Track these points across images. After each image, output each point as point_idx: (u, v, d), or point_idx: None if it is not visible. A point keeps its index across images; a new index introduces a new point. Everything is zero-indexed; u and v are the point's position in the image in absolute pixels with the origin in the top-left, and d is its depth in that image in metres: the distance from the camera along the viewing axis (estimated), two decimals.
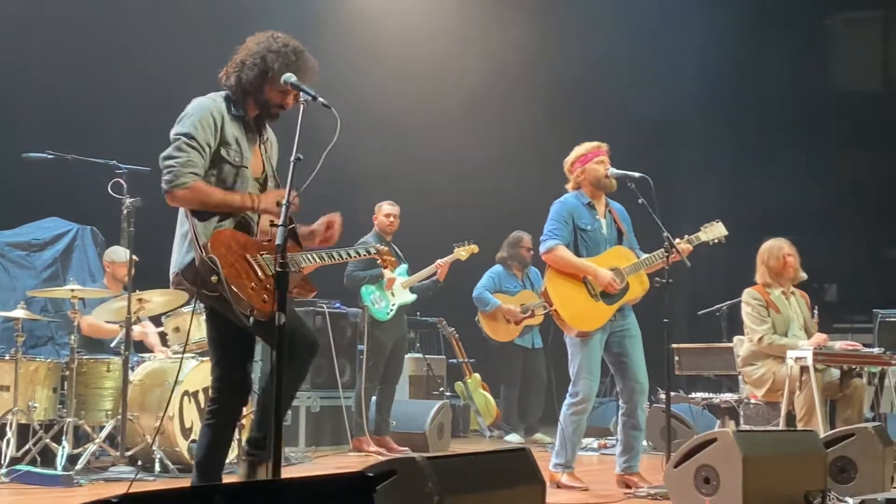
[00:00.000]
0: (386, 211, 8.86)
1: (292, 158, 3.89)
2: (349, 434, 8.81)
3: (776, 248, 7.57)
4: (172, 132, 4.32)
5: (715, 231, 6.66)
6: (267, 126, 4.59)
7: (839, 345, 7.33)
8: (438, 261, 8.92)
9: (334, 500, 2.34)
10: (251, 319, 4.13)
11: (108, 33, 10.26)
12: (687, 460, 5.32)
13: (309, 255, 4.39)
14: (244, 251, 4.22)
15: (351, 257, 4.63)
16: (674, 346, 8.02)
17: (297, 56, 4.37)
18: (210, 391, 4.44)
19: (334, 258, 4.55)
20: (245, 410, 5.42)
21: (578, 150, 6.58)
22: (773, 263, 7.54)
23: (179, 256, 4.35)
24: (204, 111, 4.32)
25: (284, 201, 3.80)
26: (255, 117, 4.49)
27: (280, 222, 3.75)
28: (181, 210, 4.37)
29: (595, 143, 6.56)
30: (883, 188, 13.07)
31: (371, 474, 2.40)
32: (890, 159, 13.20)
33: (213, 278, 4.13)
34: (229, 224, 4.30)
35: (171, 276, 4.40)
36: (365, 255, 4.74)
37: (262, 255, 4.21)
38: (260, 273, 4.18)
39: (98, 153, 7.27)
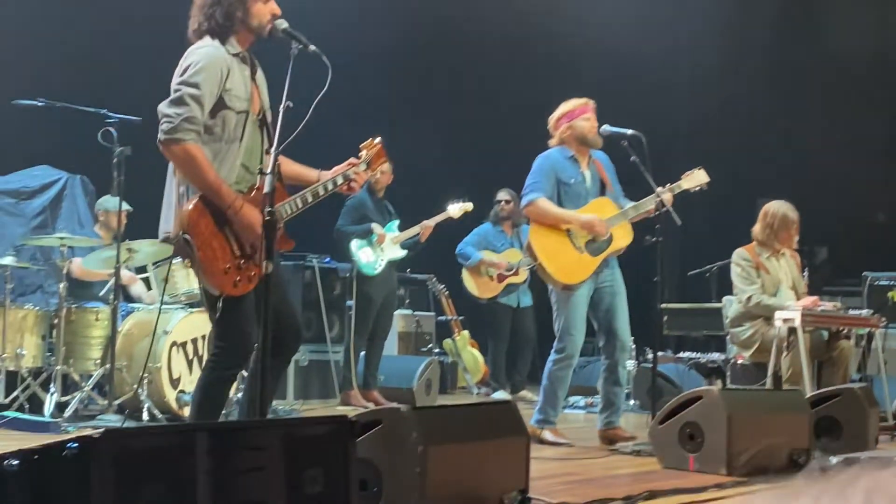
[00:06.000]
0: None
1: (282, 107, 3.84)
2: (337, 388, 8.82)
3: (789, 220, 7.48)
4: (175, 81, 4.10)
5: (696, 178, 6.51)
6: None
7: (804, 302, 7.31)
8: (424, 221, 8.90)
9: (316, 441, 2.34)
10: (220, 302, 4.07)
11: None
12: (672, 417, 5.35)
13: (290, 204, 4.22)
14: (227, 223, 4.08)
15: (328, 190, 4.38)
16: (662, 305, 8.01)
17: None
18: (213, 340, 4.30)
19: (319, 194, 4.32)
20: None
21: (564, 107, 6.53)
22: (781, 234, 7.49)
23: (168, 216, 4.22)
24: (212, 61, 4.10)
25: (274, 148, 3.75)
26: (246, 50, 4.31)
27: (269, 170, 3.71)
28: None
29: (582, 100, 6.51)
30: (876, 151, 13.04)
31: (352, 418, 2.40)
32: (886, 122, 13.17)
33: (187, 262, 4.08)
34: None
35: (160, 233, 4.29)
36: (342, 184, 4.38)
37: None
38: (237, 250, 4.09)
39: (89, 102, 7.22)
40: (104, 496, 1.90)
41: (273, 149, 3.74)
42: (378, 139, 4.53)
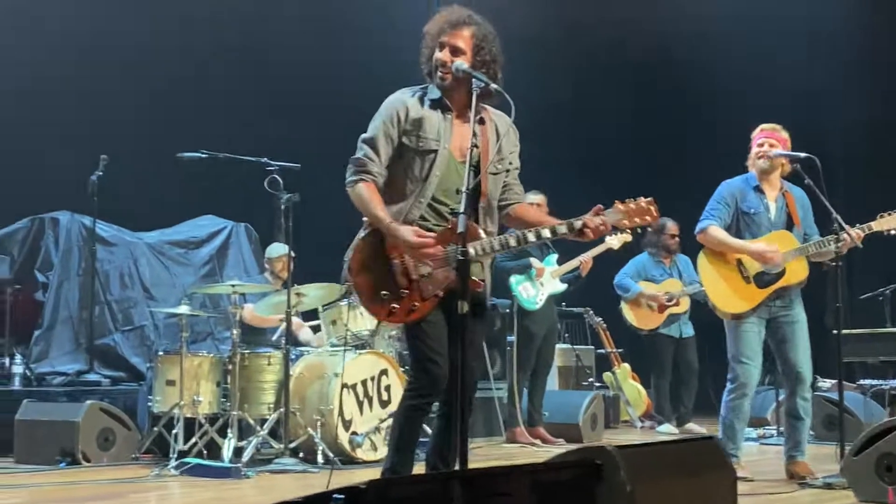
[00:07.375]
0: (530, 199, 8.73)
1: (468, 146, 3.86)
2: (502, 425, 8.76)
3: None
4: None
5: (893, 222, 6.10)
6: (493, 115, 4.39)
7: None
8: (582, 255, 8.79)
9: (563, 486, 2.30)
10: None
11: (263, 32, 10.45)
12: (867, 448, 5.16)
13: (484, 244, 4.19)
14: (399, 250, 4.17)
15: (541, 238, 4.37)
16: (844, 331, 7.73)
17: (440, 21, 4.31)
18: (410, 372, 4.41)
19: (527, 239, 4.36)
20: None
21: (754, 132, 6.43)
22: None
23: None
24: (387, 105, 4.34)
25: (464, 188, 3.76)
26: (461, 101, 4.30)
27: (461, 210, 3.71)
28: None
29: (762, 126, 6.38)
30: None
31: (599, 462, 2.35)
32: None
33: (347, 285, 4.29)
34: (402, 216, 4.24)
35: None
36: (568, 234, 4.31)
37: (447, 246, 4.13)
38: (401, 279, 4.15)
39: (251, 151, 7.36)
40: None
41: (464, 188, 3.75)
42: (650, 198, 4.32)
